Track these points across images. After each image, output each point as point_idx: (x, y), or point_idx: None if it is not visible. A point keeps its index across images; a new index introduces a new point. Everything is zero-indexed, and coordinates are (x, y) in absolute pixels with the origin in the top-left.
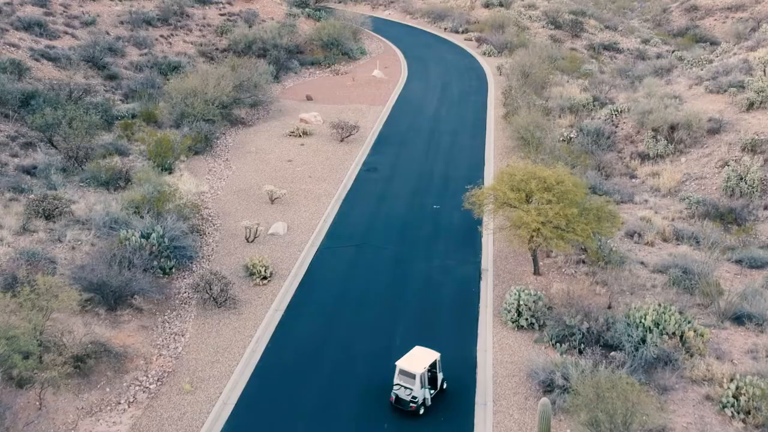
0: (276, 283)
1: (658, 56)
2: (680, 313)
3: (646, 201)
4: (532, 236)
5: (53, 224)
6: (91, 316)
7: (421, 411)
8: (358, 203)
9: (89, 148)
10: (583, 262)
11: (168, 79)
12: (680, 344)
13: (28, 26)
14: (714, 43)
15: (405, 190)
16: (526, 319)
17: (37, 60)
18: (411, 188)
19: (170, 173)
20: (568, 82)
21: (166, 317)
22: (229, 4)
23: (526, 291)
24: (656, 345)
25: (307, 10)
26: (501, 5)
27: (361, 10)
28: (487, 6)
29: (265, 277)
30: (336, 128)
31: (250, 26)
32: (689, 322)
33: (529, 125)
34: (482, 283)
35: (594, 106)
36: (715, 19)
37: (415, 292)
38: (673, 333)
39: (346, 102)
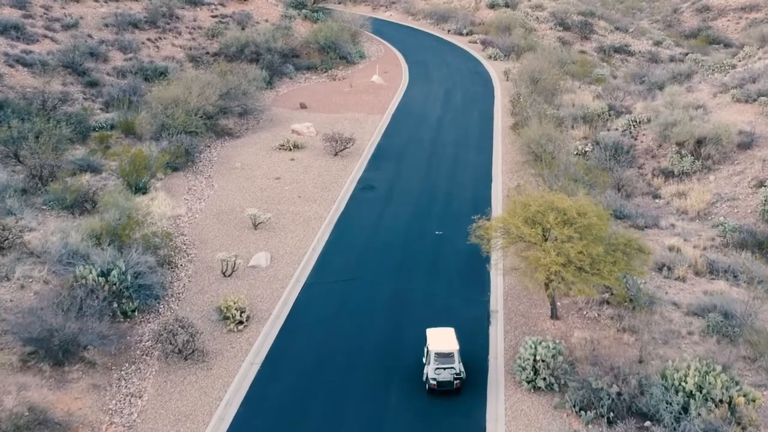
0: (254, 329)
1: (672, 59)
2: (724, 369)
3: (673, 226)
4: (551, 280)
5: (2, 258)
6: (34, 373)
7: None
8: (351, 228)
9: (55, 165)
10: (608, 302)
11: (153, 86)
12: (729, 414)
13: (4, 29)
14: (728, 44)
15: (404, 212)
16: (544, 379)
17: (11, 66)
18: (411, 210)
19: (144, 193)
20: (579, 88)
21: (123, 373)
22: (222, 5)
23: (544, 343)
24: (701, 416)
25: (304, 11)
26: (507, 6)
27: (361, 11)
28: (492, 7)
29: (240, 322)
30: (330, 141)
31: (243, 28)
32: (737, 384)
33: (541, 138)
34: (491, 329)
35: (609, 115)
36: (729, 20)
37: (414, 340)
38: (720, 400)
39: (342, 111)
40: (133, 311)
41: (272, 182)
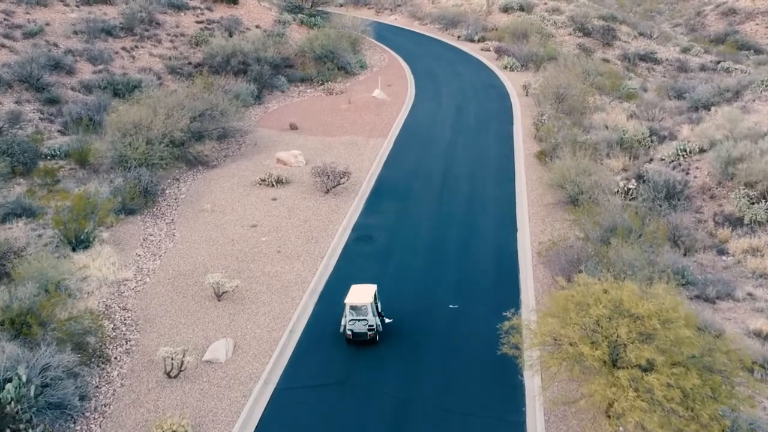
0: None
1: (703, 68)
2: None
3: (752, 296)
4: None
5: None
6: None
7: (377, 338)
8: (341, 299)
9: None
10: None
11: (122, 103)
12: None
13: None
14: (759, 51)
15: (409, 274)
16: None
17: None
18: (417, 271)
19: (87, 248)
20: (610, 104)
21: None
22: (209, 9)
23: None
24: None
25: (300, 15)
26: (522, 10)
27: (363, 15)
28: (506, 11)
29: None
30: (320, 176)
31: (230, 35)
32: None
33: (578, 176)
34: None
35: (651, 141)
36: (757, 24)
37: None
38: None
39: (338, 133)
40: None
41: (247, 231)
